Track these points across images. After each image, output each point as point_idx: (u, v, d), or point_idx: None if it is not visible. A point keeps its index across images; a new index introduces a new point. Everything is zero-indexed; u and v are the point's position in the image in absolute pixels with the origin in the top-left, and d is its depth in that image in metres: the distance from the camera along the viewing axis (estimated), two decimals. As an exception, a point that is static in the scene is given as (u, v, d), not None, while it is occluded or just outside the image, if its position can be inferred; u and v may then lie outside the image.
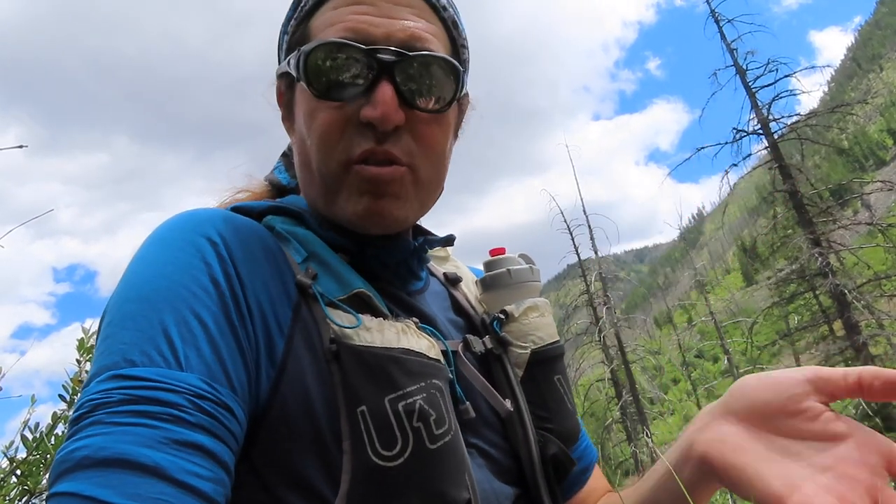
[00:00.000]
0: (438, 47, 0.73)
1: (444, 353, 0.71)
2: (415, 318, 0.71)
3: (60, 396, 1.65)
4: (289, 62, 0.74)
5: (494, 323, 0.84)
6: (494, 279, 0.89)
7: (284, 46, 0.79)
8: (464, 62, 0.80)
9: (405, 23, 0.70)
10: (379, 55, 0.67)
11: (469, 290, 0.93)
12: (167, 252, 0.62)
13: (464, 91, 0.78)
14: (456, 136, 0.83)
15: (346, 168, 0.70)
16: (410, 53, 0.69)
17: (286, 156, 0.94)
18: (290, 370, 0.61)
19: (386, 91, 0.67)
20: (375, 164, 0.70)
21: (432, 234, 0.88)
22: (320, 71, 0.69)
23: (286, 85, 0.79)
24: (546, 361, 0.83)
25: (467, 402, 0.71)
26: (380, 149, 0.69)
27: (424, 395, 0.62)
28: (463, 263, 1.01)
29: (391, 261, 0.78)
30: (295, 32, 0.76)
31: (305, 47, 0.70)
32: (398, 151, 0.70)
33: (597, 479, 0.93)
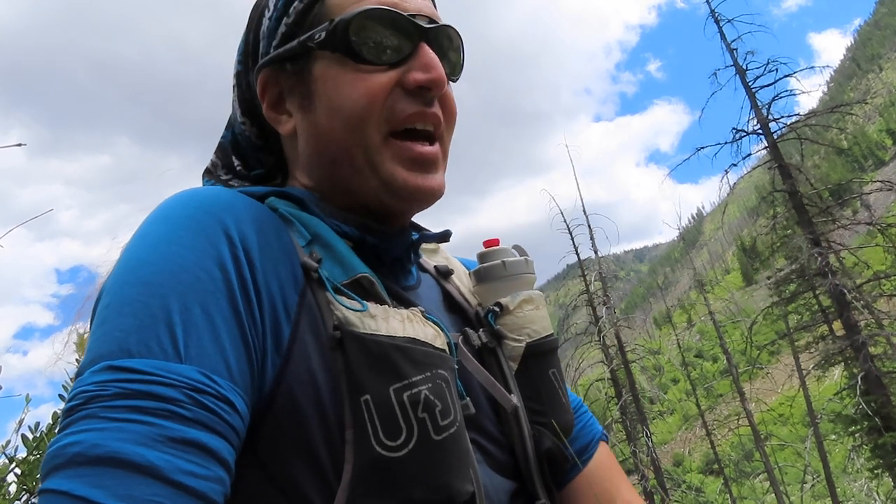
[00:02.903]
0: None
1: (448, 344, 0.70)
2: (421, 308, 0.70)
3: (60, 396, 1.65)
4: (312, 37, 0.73)
5: (489, 315, 0.83)
6: (489, 271, 0.87)
7: (283, 31, 0.76)
8: None
9: (426, 2, 0.78)
10: (417, 20, 0.73)
11: (461, 282, 0.92)
12: (171, 232, 0.59)
13: None
14: None
15: (386, 140, 0.72)
16: (440, 24, 0.76)
17: (210, 172, 0.89)
18: (295, 357, 0.59)
19: (433, 54, 0.73)
20: (422, 139, 0.74)
21: (427, 230, 0.88)
22: (363, 37, 0.71)
23: (295, 67, 0.76)
24: (541, 355, 0.82)
25: (467, 398, 0.70)
26: (429, 111, 0.74)
27: (430, 385, 0.61)
28: (453, 256, 1.00)
29: (387, 255, 0.78)
30: (307, 13, 0.75)
31: (344, 16, 0.71)
32: (440, 115, 0.76)
33: (604, 456, 0.91)
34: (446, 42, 0.78)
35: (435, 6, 0.82)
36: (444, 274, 0.91)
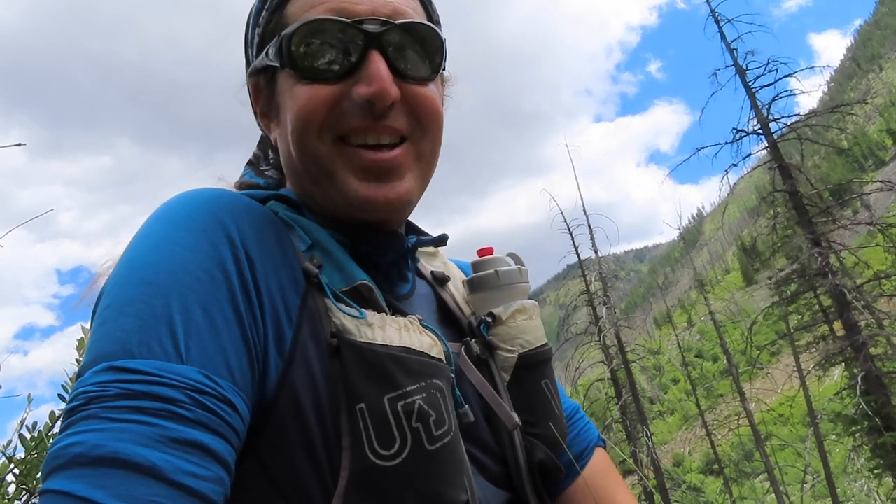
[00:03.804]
0: (420, 19, 0.72)
1: (446, 353, 0.70)
2: (419, 316, 0.70)
3: (60, 396, 1.65)
4: (267, 52, 0.72)
5: (481, 326, 0.82)
6: (482, 280, 0.86)
7: (256, 41, 0.76)
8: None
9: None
10: (364, 26, 0.66)
11: (457, 289, 0.91)
12: (172, 233, 0.59)
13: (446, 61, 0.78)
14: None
15: (337, 146, 0.68)
16: (395, 22, 0.68)
17: (252, 164, 0.92)
18: (297, 361, 0.59)
19: (379, 64, 0.66)
20: (375, 146, 0.68)
21: (425, 233, 0.87)
22: (305, 52, 0.67)
23: (266, 79, 0.76)
24: (533, 366, 0.81)
25: (466, 406, 0.69)
26: (381, 124, 0.68)
27: (424, 394, 0.61)
28: (450, 260, 1.00)
29: (383, 261, 0.77)
30: (269, 24, 0.74)
31: (287, 31, 0.68)
32: (399, 125, 0.69)
33: (600, 462, 0.90)
34: (408, 41, 0.69)
35: None
36: (440, 281, 0.90)
